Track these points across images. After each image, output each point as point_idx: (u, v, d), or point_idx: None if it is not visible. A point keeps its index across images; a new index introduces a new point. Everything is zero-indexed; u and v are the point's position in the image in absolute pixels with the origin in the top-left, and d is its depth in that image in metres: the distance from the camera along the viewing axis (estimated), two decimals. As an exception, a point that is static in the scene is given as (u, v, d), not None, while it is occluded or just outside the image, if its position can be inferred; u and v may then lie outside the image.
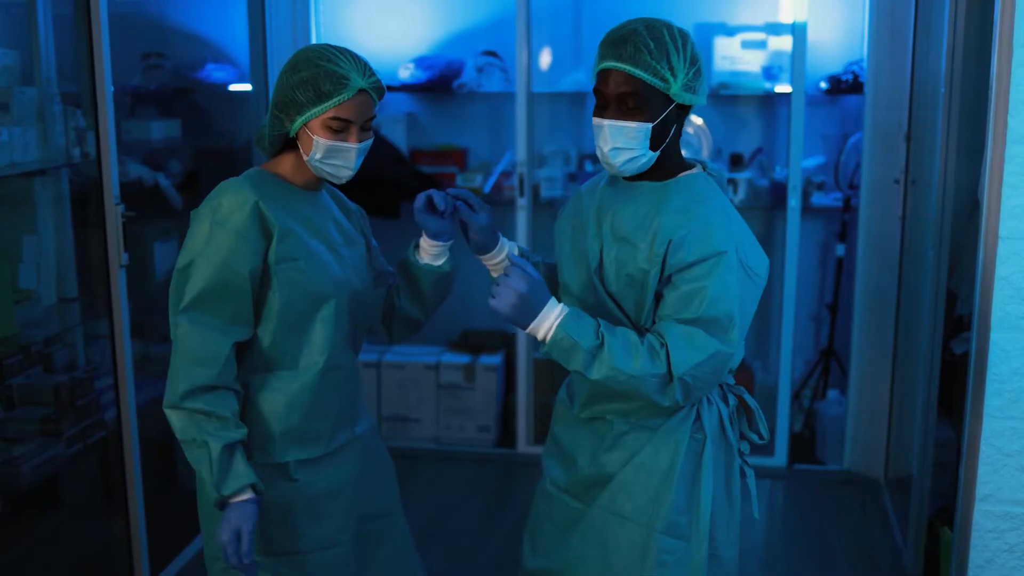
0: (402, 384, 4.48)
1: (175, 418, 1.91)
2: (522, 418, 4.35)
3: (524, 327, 1.87)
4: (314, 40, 4.35)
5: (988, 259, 2.45)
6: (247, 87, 3.92)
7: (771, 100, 4.44)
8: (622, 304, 1.95)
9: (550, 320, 1.85)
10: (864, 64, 4.05)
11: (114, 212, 2.84)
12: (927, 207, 3.36)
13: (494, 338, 4.60)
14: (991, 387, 2.46)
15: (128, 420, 2.94)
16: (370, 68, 1.97)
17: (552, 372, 4.23)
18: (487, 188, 4.45)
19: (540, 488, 2.18)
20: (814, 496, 4.00)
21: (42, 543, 3.05)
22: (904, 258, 3.88)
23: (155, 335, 3.63)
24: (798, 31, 3.95)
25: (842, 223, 4.31)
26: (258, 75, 3.81)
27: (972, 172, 2.88)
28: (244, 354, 1.99)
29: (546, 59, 4.52)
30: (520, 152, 4.20)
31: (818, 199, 4.39)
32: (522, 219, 4.21)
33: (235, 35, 3.89)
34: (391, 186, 4.43)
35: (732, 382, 2.09)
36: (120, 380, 2.92)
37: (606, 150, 1.90)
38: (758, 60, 4.29)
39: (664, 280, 1.88)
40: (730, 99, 4.45)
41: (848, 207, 4.25)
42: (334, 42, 2.07)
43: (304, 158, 1.99)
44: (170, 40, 3.90)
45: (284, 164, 2.04)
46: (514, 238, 4.21)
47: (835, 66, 4.34)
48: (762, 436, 2.08)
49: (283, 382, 2.00)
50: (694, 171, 1.98)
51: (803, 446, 4.37)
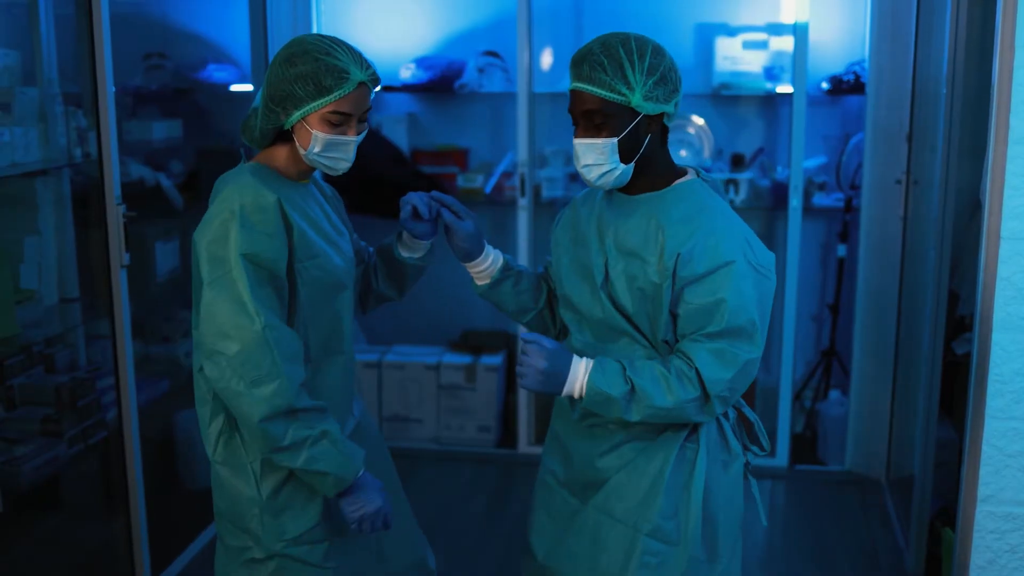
0: (403, 384, 4.47)
1: (282, 426, 1.87)
2: (523, 418, 4.35)
3: (560, 395, 1.93)
4: (315, 40, 4.34)
5: (990, 259, 2.45)
6: (248, 87, 3.93)
7: (772, 100, 4.44)
8: (635, 319, 1.96)
9: (580, 381, 1.91)
10: (866, 64, 4.05)
11: (115, 212, 2.84)
12: (929, 207, 3.35)
13: (495, 338, 4.60)
14: (992, 387, 2.46)
15: (129, 420, 2.95)
16: (365, 58, 1.95)
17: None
18: (488, 188, 4.45)
19: (540, 479, 2.20)
20: (815, 496, 4.00)
21: (43, 543, 3.05)
22: (905, 258, 3.88)
23: (156, 335, 3.63)
24: (799, 31, 3.95)
25: (843, 223, 4.30)
26: (259, 75, 3.81)
27: (974, 172, 2.88)
28: None
29: (547, 59, 4.52)
30: (521, 152, 4.20)
31: (819, 199, 4.39)
32: (523, 219, 4.21)
33: (236, 35, 3.89)
34: (392, 186, 4.42)
35: None
36: (121, 380, 2.92)
37: (580, 167, 1.95)
38: (759, 60, 4.29)
39: (677, 292, 1.89)
40: (731, 99, 4.45)
41: (849, 207, 4.25)
42: (336, 42, 2.06)
43: (301, 152, 1.96)
44: (171, 40, 3.91)
45: (278, 157, 2.01)
46: (515, 238, 4.21)
47: (837, 66, 4.34)
48: (763, 448, 2.11)
49: (310, 374, 2.00)
50: (688, 178, 1.99)
51: (804, 446, 4.37)
